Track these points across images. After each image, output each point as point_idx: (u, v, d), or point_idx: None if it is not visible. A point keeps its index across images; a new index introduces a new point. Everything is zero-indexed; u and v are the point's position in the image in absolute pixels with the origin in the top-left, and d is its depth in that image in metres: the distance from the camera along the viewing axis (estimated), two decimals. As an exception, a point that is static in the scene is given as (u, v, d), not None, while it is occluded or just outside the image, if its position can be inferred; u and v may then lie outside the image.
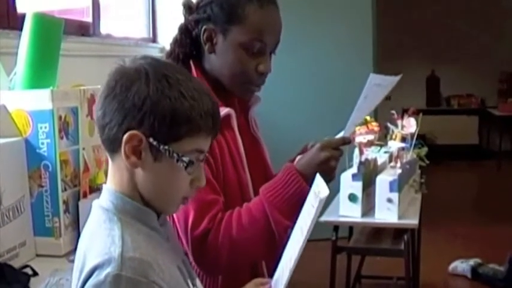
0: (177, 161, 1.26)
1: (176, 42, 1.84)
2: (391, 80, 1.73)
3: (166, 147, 1.25)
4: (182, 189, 1.31)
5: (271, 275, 1.59)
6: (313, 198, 1.48)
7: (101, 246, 1.22)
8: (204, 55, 1.82)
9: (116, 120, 1.24)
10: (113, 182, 1.32)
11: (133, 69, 1.27)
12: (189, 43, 1.83)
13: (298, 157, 1.77)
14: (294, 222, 1.55)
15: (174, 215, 1.65)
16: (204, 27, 1.77)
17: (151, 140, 1.24)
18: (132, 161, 1.26)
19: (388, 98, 1.87)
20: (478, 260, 4.73)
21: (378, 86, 1.70)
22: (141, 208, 1.30)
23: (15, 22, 2.72)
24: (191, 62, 1.80)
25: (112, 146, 1.28)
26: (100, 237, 1.24)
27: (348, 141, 1.72)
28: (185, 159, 1.27)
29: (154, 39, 4.85)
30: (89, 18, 3.77)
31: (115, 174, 1.32)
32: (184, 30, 1.83)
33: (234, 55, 1.75)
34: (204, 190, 1.53)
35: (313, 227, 1.43)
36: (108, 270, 1.17)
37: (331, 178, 1.68)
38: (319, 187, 1.47)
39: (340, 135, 1.74)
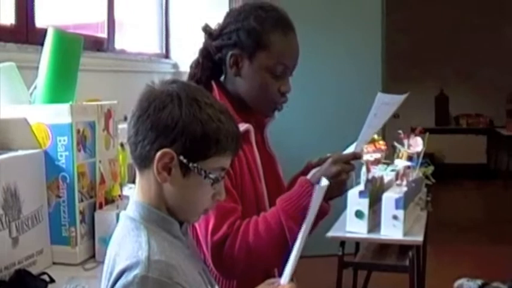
0: (205, 177, 1.36)
1: (198, 65, 1.94)
2: (399, 98, 1.82)
3: (195, 164, 1.35)
4: (205, 202, 1.42)
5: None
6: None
7: (129, 250, 1.31)
8: (227, 77, 1.94)
9: (149, 138, 1.34)
10: (141, 194, 1.42)
11: (165, 92, 1.36)
12: (210, 66, 1.93)
13: (313, 171, 1.87)
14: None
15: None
16: (230, 52, 1.87)
17: (181, 158, 1.34)
18: (163, 176, 1.35)
19: (397, 116, 1.94)
20: (484, 280, 4.78)
21: (387, 104, 1.80)
22: (165, 218, 1.40)
23: (34, 37, 2.79)
24: (213, 83, 1.89)
25: (144, 162, 1.37)
26: (128, 243, 1.34)
27: (358, 156, 1.83)
28: (212, 176, 1.37)
29: (167, 55, 4.93)
30: (104, 34, 3.84)
31: (143, 187, 1.41)
32: (205, 54, 1.94)
33: (259, 78, 1.88)
34: (225, 199, 1.61)
35: (320, 244, 1.51)
36: (136, 272, 1.26)
37: (342, 191, 1.80)
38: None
39: (350, 149, 1.83)
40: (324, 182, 1.52)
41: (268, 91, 1.88)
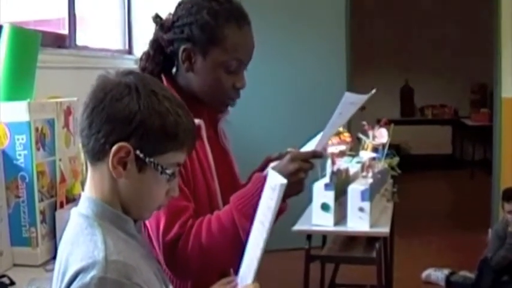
0: (161, 173, 1.32)
1: (149, 58, 1.88)
2: (364, 98, 1.78)
3: (152, 159, 1.31)
4: (159, 198, 1.37)
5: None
6: (270, 192, 1.52)
7: (84, 250, 1.26)
8: (179, 71, 1.87)
9: (104, 131, 1.29)
10: (93, 189, 1.36)
11: (122, 83, 1.31)
12: (161, 59, 1.87)
13: (271, 165, 1.82)
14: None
15: (146, 221, 1.69)
16: (182, 47, 1.81)
17: (138, 152, 1.30)
18: (118, 171, 1.30)
19: (362, 108, 1.91)
20: (451, 269, 4.83)
21: (352, 104, 1.76)
22: (120, 215, 1.35)
23: (-9, 34, 2.74)
24: (163, 77, 1.84)
25: (97, 155, 1.32)
26: (82, 242, 1.28)
27: (319, 154, 1.76)
28: (168, 171, 1.33)
29: (130, 51, 4.88)
30: (65, 30, 3.79)
31: (96, 182, 1.35)
32: (156, 46, 1.87)
33: (213, 74, 1.81)
34: (176, 197, 1.57)
35: (287, 237, 1.48)
36: (93, 273, 1.21)
37: (299, 190, 1.73)
38: (275, 180, 1.52)
39: (310, 144, 1.79)
40: (282, 180, 1.48)
41: (222, 87, 1.82)
